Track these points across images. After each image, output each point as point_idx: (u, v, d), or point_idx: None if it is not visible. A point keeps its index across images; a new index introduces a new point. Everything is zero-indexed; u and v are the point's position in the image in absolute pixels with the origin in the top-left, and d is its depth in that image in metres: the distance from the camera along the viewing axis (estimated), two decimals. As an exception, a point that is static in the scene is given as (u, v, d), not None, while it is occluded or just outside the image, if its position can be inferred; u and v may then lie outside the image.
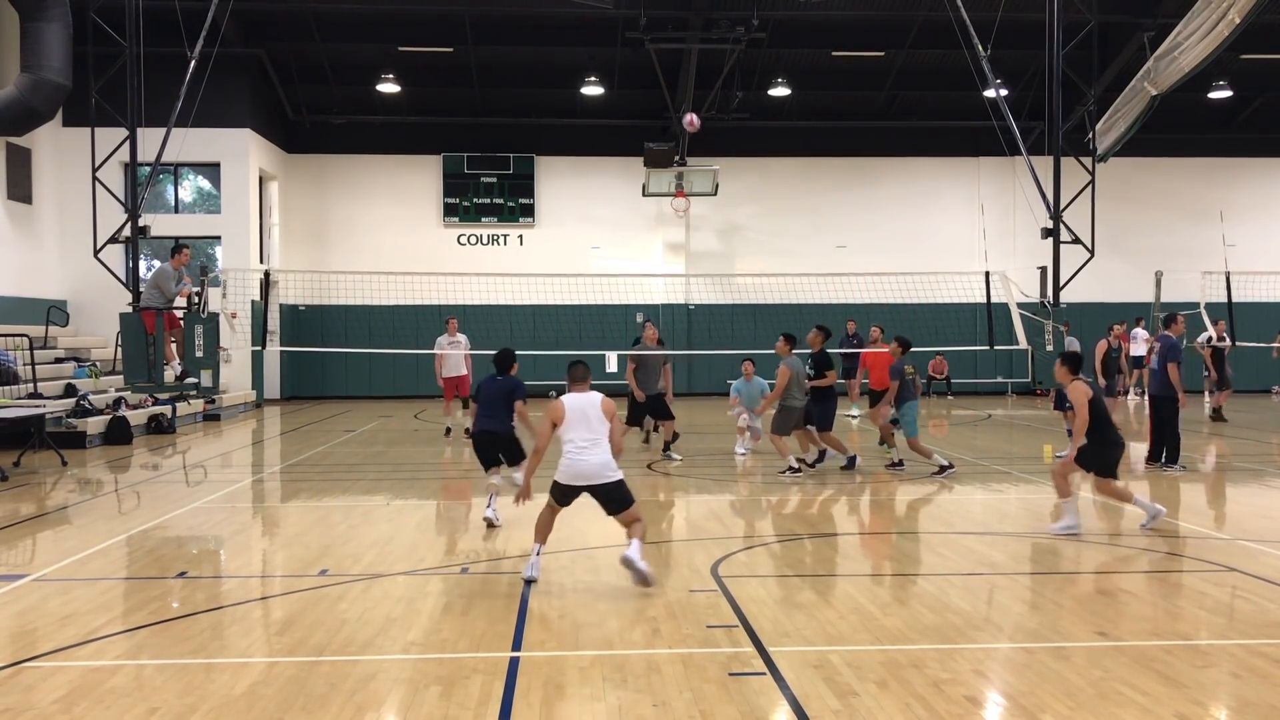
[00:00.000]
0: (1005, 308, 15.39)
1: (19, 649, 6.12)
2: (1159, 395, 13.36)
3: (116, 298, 14.86)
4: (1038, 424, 20.00)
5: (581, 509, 7.81)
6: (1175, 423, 13.33)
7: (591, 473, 7.45)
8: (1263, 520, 10.22)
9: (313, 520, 10.32)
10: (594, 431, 7.49)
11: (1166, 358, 13.11)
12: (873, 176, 28.26)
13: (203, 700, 5.25)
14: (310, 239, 27.09)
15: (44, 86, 18.45)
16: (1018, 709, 5.10)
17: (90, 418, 16.80)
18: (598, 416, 7.54)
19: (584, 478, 7.47)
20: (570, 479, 7.50)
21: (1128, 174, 26.41)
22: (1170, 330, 13.59)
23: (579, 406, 7.55)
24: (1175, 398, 13.19)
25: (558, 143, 27.50)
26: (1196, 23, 13.05)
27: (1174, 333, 13.51)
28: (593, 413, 7.53)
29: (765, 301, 25.47)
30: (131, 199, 14.02)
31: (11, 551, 9.06)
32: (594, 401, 7.60)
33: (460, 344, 17.25)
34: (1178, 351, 13.21)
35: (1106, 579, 7.71)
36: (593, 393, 7.72)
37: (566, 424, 7.50)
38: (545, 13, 23.51)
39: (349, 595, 7.28)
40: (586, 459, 7.44)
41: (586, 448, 7.45)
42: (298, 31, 24.11)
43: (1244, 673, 5.60)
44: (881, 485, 12.42)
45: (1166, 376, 13.13)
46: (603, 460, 7.46)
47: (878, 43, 25.22)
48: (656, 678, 5.53)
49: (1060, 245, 14.07)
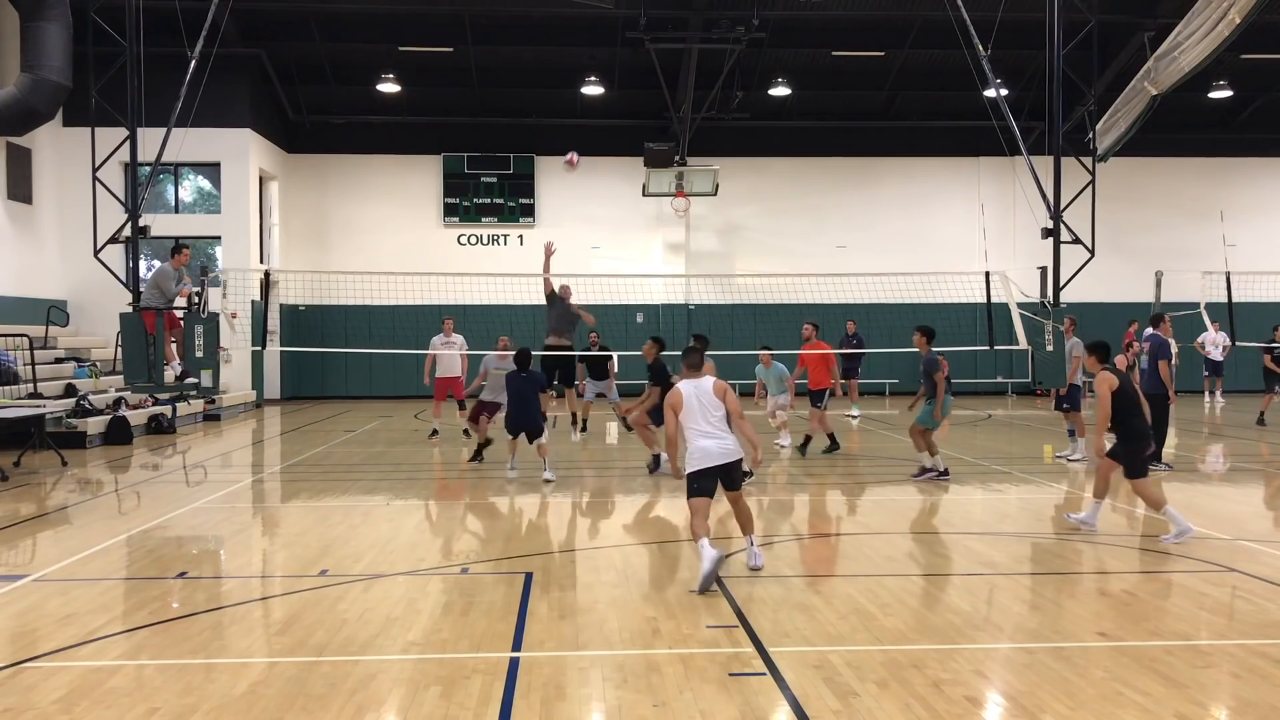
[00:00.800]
0: (1005, 308, 15.38)
1: (19, 649, 6.12)
2: (1149, 394, 13.41)
3: (116, 298, 14.86)
4: (1038, 424, 20.01)
5: (584, 512, 7.80)
6: (1165, 422, 13.44)
7: (719, 453, 7.68)
8: (1263, 520, 10.22)
9: (313, 520, 10.32)
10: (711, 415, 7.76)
11: (1157, 356, 13.23)
12: (873, 176, 28.26)
13: (203, 700, 5.25)
14: (310, 239, 27.10)
15: (44, 86, 18.46)
16: (1018, 709, 5.10)
17: (90, 418, 16.80)
18: (711, 401, 7.79)
19: (713, 458, 7.68)
20: (700, 463, 7.70)
21: (1128, 174, 26.41)
22: (1158, 329, 13.66)
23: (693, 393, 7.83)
24: (1166, 395, 13.32)
25: (558, 143, 27.49)
26: (1196, 23, 13.04)
27: (1162, 332, 13.60)
28: (705, 398, 7.80)
29: (765, 301, 25.48)
30: (131, 199, 14.02)
31: (11, 551, 9.06)
32: (706, 387, 7.87)
33: (455, 344, 17.16)
34: (1167, 349, 13.46)
35: (1106, 579, 7.71)
36: (705, 377, 8.01)
37: (685, 411, 7.79)
38: (545, 13, 23.51)
39: (349, 595, 7.28)
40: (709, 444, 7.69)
41: (709, 432, 7.71)
42: (298, 31, 24.11)
43: (1244, 673, 5.60)
44: (881, 485, 12.41)
45: (1156, 375, 13.23)
46: (726, 442, 7.74)
47: (878, 43, 25.21)
48: (656, 678, 5.53)
49: (1060, 245, 14.06)
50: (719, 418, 7.76)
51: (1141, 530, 9.65)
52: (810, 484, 12.43)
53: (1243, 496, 11.84)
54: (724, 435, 7.74)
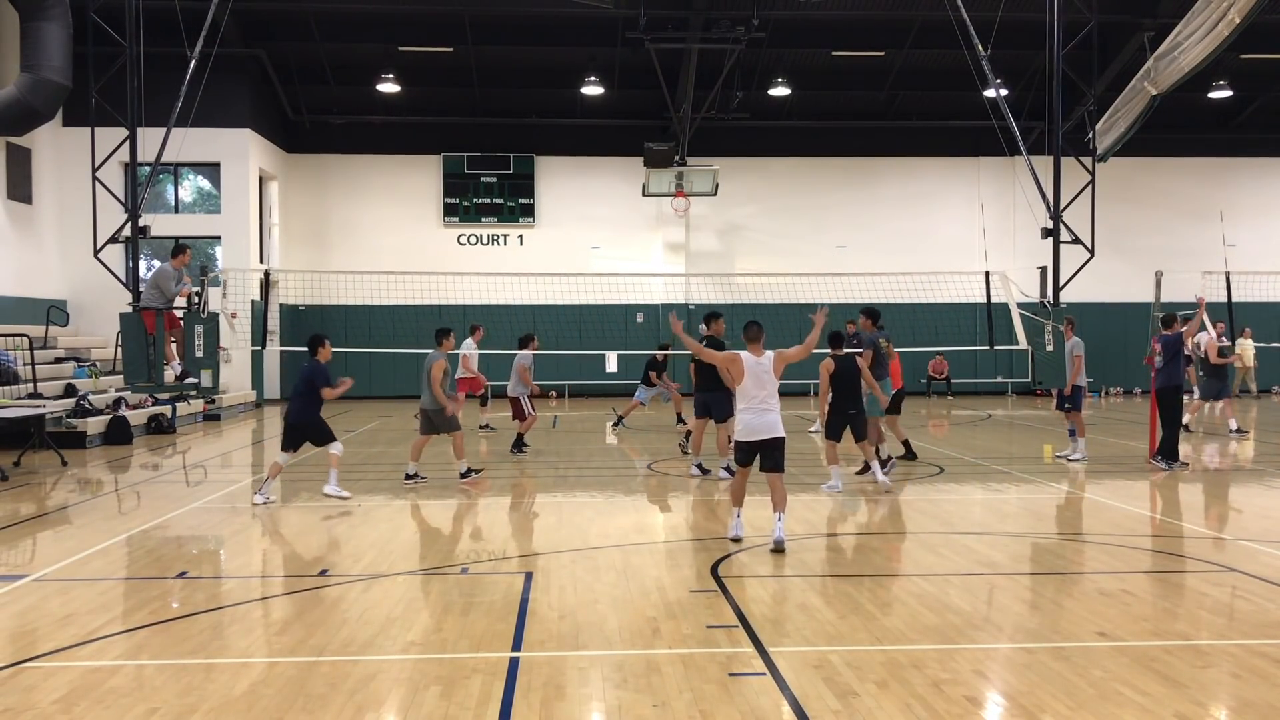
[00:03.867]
0: (1005, 308, 15.39)
1: (19, 649, 6.12)
2: (1164, 388, 13.47)
3: (116, 298, 14.86)
4: (1038, 424, 20.01)
5: (582, 508, 7.80)
6: (1179, 418, 13.45)
7: (766, 427, 8.26)
8: (1263, 520, 10.22)
9: (313, 520, 10.33)
10: (765, 389, 8.32)
11: (1175, 353, 13.25)
12: (873, 176, 28.26)
13: (203, 700, 5.25)
14: (310, 239, 27.09)
15: (44, 86, 18.46)
16: (1018, 709, 5.09)
17: (90, 418, 16.80)
18: (769, 376, 8.33)
19: (760, 432, 8.27)
20: (748, 435, 8.32)
21: (1128, 174, 26.41)
22: (1170, 331, 13.66)
23: (754, 366, 8.35)
24: (1180, 387, 13.41)
25: (558, 143, 27.50)
26: (1196, 23, 13.02)
27: (1174, 332, 13.60)
28: (765, 375, 8.31)
29: (765, 301, 25.47)
30: (131, 199, 14.01)
31: (11, 551, 9.06)
32: (766, 364, 8.37)
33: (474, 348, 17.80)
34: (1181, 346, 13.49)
35: (1106, 579, 7.71)
36: (767, 352, 8.53)
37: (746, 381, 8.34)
38: (545, 13, 23.51)
39: (349, 595, 7.28)
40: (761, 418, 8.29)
41: (764, 406, 8.27)
42: (298, 31, 24.11)
43: (1244, 673, 5.60)
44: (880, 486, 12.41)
45: (1173, 371, 13.23)
46: (774, 419, 8.33)
47: (878, 43, 25.21)
48: (656, 678, 5.53)
49: (1060, 245, 14.07)
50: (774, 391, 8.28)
51: (1140, 530, 9.65)
52: (810, 484, 12.43)
53: (1243, 496, 11.84)
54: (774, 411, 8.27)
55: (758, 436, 8.33)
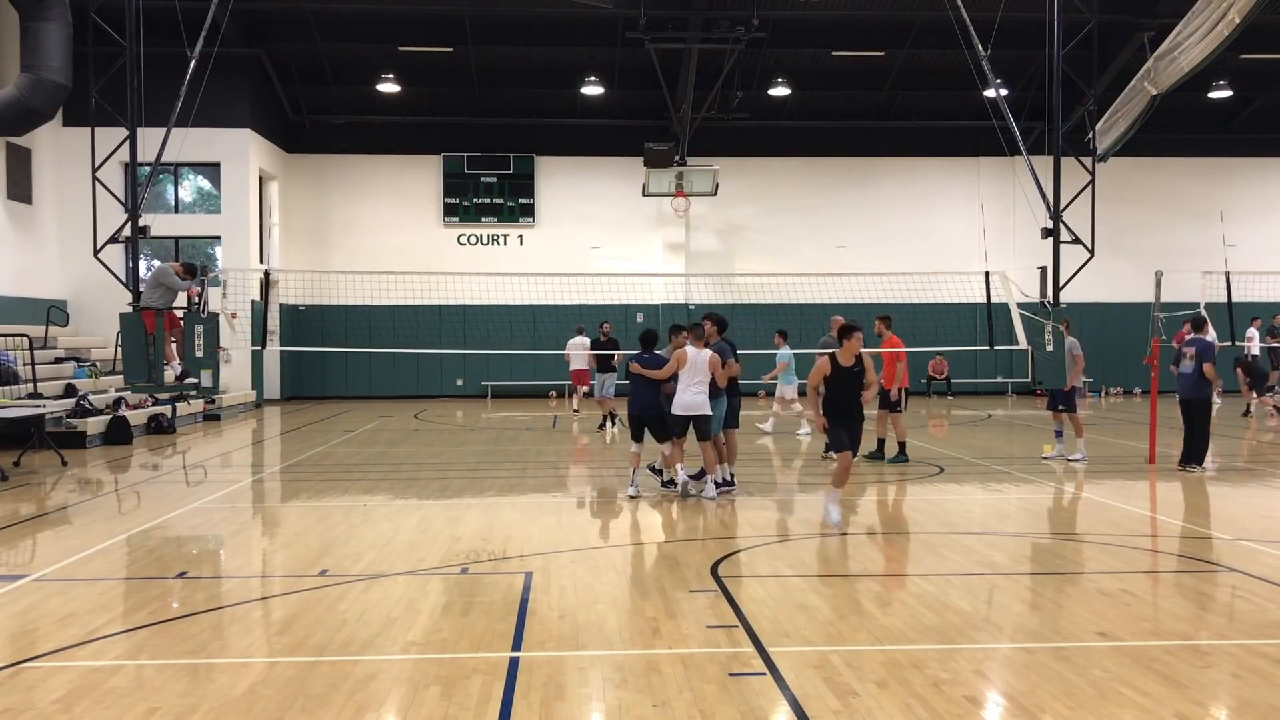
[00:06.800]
0: (1005, 308, 15.38)
1: (19, 649, 6.12)
2: (1191, 399, 13.30)
3: (116, 298, 14.86)
4: (1038, 424, 20.00)
5: (582, 508, 7.80)
6: (1207, 426, 13.36)
7: (696, 405, 10.85)
8: (1263, 520, 10.21)
9: (313, 520, 10.32)
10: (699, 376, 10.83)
11: (1204, 358, 13.02)
12: (873, 176, 28.26)
13: (203, 700, 5.25)
14: (310, 239, 27.09)
15: (44, 86, 18.45)
16: (1018, 709, 5.09)
17: (90, 418, 16.80)
18: (703, 367, 10.83)
19: (692, 409, 10.84)
20: (683, 410, 10.86)
21: (1128, 174, 26.42)
22: (1201, 333, 13.57)
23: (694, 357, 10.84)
24: (1209, 399, 13.27)
25: (558, 143, 27.50)
26: (1196, 23, 13.03)
27: (1205, 335, 13.52)
28: (701, 365, 10.83)
29: (765, 301, 25.48)
30: (131, 199, 14.01)
31: (11, 551, 9.06)
32: (703, 358, 10.87)
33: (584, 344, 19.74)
34: (1212, 352, 13.17)
35: (1106, 579, 7.71)
36: (706, 350, 10.97)
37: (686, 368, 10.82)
38: (545, 13, 23.51)
39: (349, 595, 7.28)
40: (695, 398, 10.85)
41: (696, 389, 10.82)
42: (298, 31, 24.11)
43: (1244, 673, 5.60)
44: (881, 486, 12.41)
45: (1199, 380, 13.10)
46: (702, 399, 10.85)
47: (878, 43, 25.21)
48: (656, 678, 5.53)
49: (1060, 245, 14.06)
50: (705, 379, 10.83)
51: (1140, 530, 9.65)
52: (809, 484, 12.43)
53: (1243, 496, 11.83)
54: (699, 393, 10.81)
55: (690, 412, 10.82)
